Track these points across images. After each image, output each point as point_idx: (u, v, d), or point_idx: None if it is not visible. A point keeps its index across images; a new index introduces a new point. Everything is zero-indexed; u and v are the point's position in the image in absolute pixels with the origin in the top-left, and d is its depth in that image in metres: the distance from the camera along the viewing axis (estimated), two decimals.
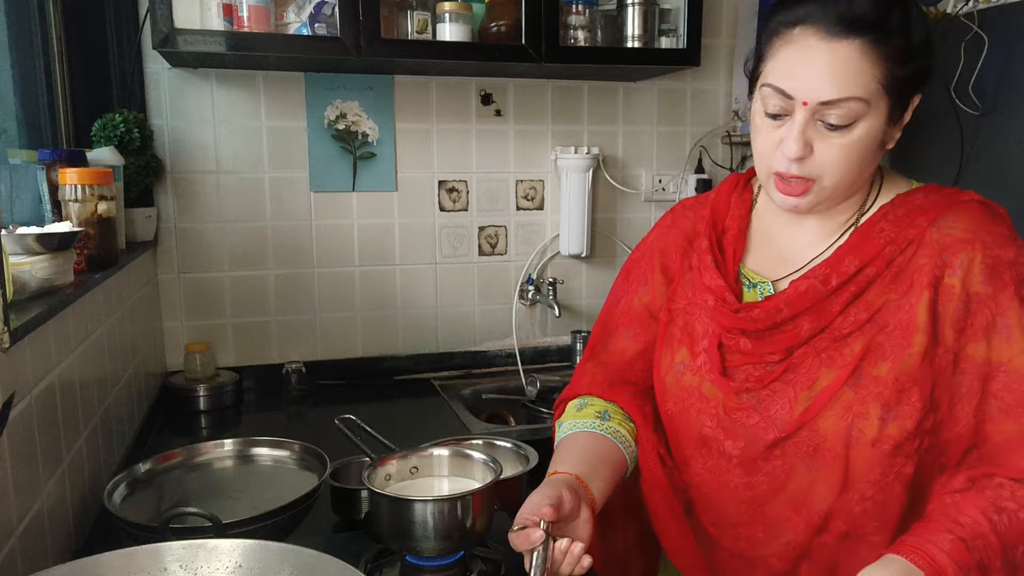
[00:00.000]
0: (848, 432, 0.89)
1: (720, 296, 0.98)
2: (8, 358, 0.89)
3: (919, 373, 0.87)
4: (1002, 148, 2.07)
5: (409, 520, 0.99)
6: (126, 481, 1.17)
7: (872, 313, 0.90)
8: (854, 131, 0.86)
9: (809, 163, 0.88)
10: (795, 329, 0.93)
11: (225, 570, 0.80)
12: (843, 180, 0.89)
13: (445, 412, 1.90)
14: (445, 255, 2.19)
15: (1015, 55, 2.00)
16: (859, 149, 0.87)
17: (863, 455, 0.89)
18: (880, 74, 0.84)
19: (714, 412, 0.97)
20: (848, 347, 0.90)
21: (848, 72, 0.83)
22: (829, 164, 0.87)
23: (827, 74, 0.83)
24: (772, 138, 0.89)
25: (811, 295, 0.91)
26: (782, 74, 0.86)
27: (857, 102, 0.84)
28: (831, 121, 0.85)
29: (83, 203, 1.31)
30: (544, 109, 2.20)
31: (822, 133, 0.86)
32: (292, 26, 1.85)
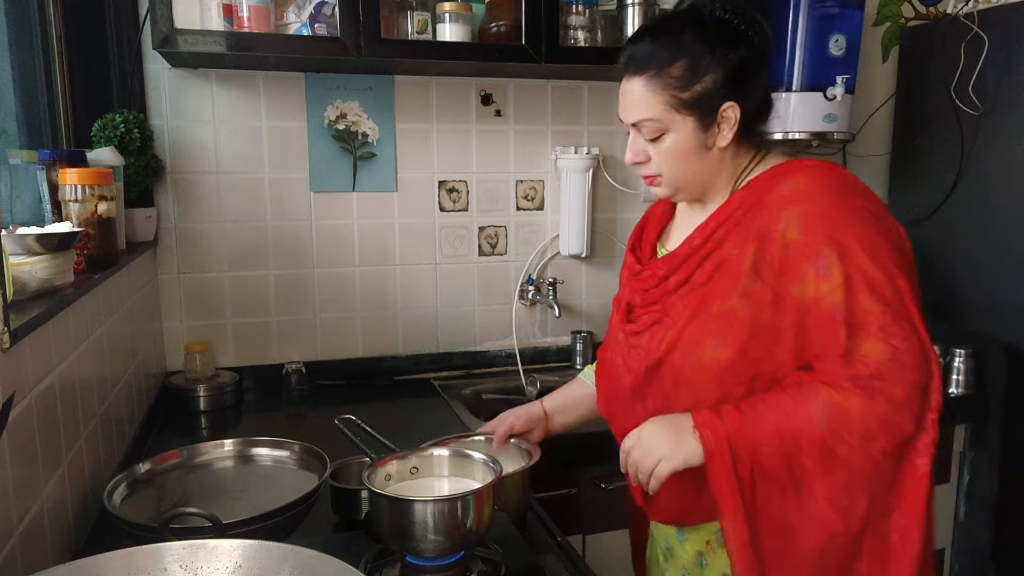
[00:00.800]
0: (690, 360, 1.10)
1: (631, 266, 1.27)
2: (8, 358, 0.89)
3: (741, 310, 1.06)
4: (1002, 148, 2.06)
5: (409, 520, 0.99)
6: (126, 481, 1.17)
7: (719, 263, 1.10)
8: (664, 141, 1.12)
9: (648, 165, 1.15)
10: (669, 284, 1.16)
11: (225, 570, 0.80)
12: (679, 176, 1.14)
13: (445, 412, 1.90)
14: (445, 255, 2.19)
15: (1015, 55, 2.00)
16: (676, 153, 1.12)
17: (701, 378, 1.09)
18: (664, 99, 1.09)
19: (621, 350, 1.22)
20: (700, 292, 1.11)
21: (639, 101, 1.11)
22: (659, 164, 1.14)
23: (626, 104, 1.14)
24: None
25: (680, 256, 1.15)
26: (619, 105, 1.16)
27: (652, 121, 1.11)
28: (645, 135, 1.13)
29: (83, 203, 1.31)
30: (544, 109, 2.20)
31: (647, 144, 1.13)
32: (292, 26, 1.85)
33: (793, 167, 1.12)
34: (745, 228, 1.09)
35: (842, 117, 2.06)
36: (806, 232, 1.03)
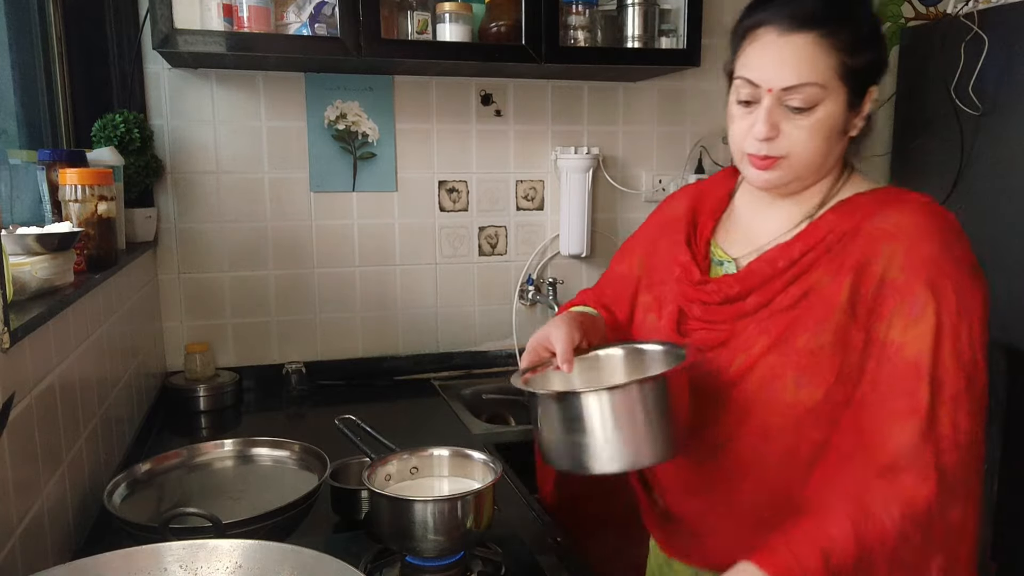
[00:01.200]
0: (768, 393, 0.99)
1: (686, 269, 1.12)
2: (8, 358, 0.89)
3: (832, 347, 0.97)
4: (1002, 148, 2.06)
5: (409, 520, 0.99)
6: (126, 481, 1.17)
7: (806, 290, 1.00)
8: (815, 113, 0.97)
9: (777, 143, 0.98)
10: (743, 304, 1.04)
11: (225, 570, 0.80)
12: (808, 159, 0.99)
13: (445, 412, 1.90)
14: (445, 255, 2.19)
15: (1015, 55, 2.00)
16: (821, 130, 0.98)
17: (779, 415, 0.99)
18: (833, 63, 0.96)
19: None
20: (782, 319, 1.00)
21: (803, 61, 0.95)
22: (795, 143, 0.98)
23: (786, 64, 0.96)
24: (745, 123, 1.00)
25: (759, 275, 1.03)
26: (750, 67, 0.99)
27: (814, 87, 0.96)
28: (794, 104, 0.96)
29: (83, 203, 1.31)
30: (544, 109, 2.20)
31: (788, 116, 0.97)
32: (292, 26, 1.85)
33: (896, 197, 1.01)
34: (838, 257, 0.99)
35: None
36: (907, 271, 0.94)
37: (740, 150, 1.03)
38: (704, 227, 1.15)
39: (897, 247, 0.96)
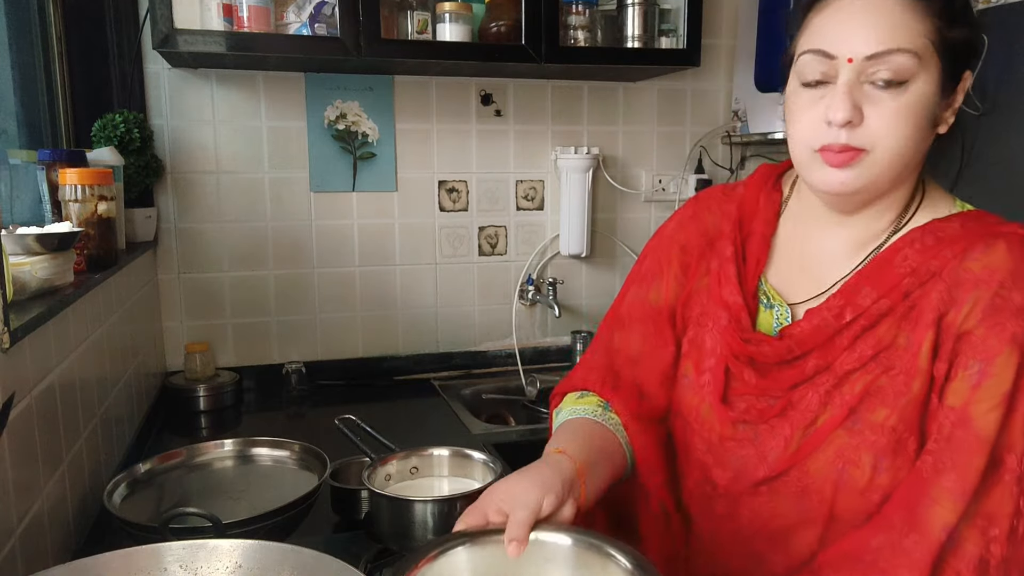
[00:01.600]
0: (838, 477, 0.83)
1: (735, 316, 0.91)
2: (8, 358, 0.89)
3: (918, 423, 0.80)
4: (1002, 148, 2.06)
5: (409, 520, 0.99)
6: (126, 481, 1.17)
7: (879, 350, 0.82)
8: (908, 91, 0.77)
9: (859, 132, 0.78)
10: (802, 365, 0.86)
11: (225, 570, 0.80)
12: (895, 153, 0.79)
13: (445, 412, 1.90)
14: (445, 255, 2.19)
15: (1015, 55, 2.00)
16: (914, 115, 0.78)
17: (851, 503, 0.83)
18: (926, 29, 0.77)
19: (707, 437, 0.93)
20: (849, 386, 0.83)
21: (892, 23, 0.77)
22: (883, 131, 0.78)
23: (870, 26, 0.77)
24: (815, 112, 0.81)
25: (823, 331, 0.85)
26: (821, 37, 0.80)
27: (905, 54, 0.76)
28: (881, 77, 0.77)
29: (83, 203, 1.31)
30: (544, 109, 2.20)
31: (871, 96, 0.78)
32: (292, 26, 1.85)
33: (989, 229, 0.82)
34: (913, 304, 0.81)
35: None
36: (988, 322, 0.77)
37: (809, 147, 0.82)
38: (756, 256, 0.94)
39: (983, 293, 0.77)
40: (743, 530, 0.90)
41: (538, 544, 0.82)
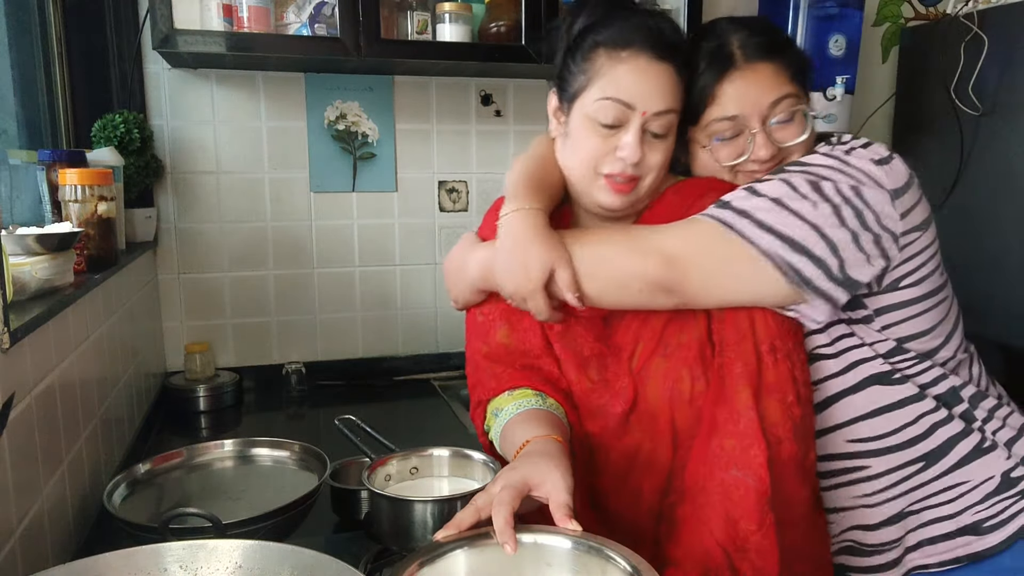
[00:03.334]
0: (670, 395, 1.00)
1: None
2: (8, 358, 0.89)
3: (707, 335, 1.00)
4: (1002, 148, 2.06)
5: (409, 520, 0.99)
6: (126, 482, 1.17)
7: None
8: (668, 138, 1.02)
9: (640, 165, 1.01)
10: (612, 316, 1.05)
11: (225, 570, 0.80)
12: (656, 181, 1.04)
13: (445, 412, 1.90)
14: (445, 255, 2.19)
15: (1015, 55, 2.00)
16: (668, 155, 1.03)
17: (685, 415, 1.00)
18: (681, 93, 1.02)
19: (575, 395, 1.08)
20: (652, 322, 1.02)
21: (670, 89, 1.00)
22: (652, 166, 1.01)
23: (659, 89, 0.99)
24: (605, 145, 1.00)
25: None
26: (621, 88, 0.98)
27: (674, 114, 1.01)
28: (655, 130, 1.00)
29: (83, 203, 1.31)
30: (544, 109, 2.19)
31: (648, 141, 1.00)
32: (292, 26, 1.85)
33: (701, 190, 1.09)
34: None
35: (842, 117, 2.06)
36: None
37: (593, 170, 1.02)
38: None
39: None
40: (621, 471, 1.05)
41: (537, 547, 0.83)
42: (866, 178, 0.98)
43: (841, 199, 0.96)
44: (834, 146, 1.04)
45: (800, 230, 0.94)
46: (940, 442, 1.11)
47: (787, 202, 0.95)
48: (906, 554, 1.15)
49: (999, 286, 2.08)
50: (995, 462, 1.12)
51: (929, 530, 1.13)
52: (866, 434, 1.10)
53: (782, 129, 1.06)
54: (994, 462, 1.12)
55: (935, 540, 1.13)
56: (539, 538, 0.82)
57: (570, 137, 1.04)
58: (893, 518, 1.15)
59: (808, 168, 1.00)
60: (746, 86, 1.04)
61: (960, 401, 1.12)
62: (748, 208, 0.96)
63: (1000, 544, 1.11)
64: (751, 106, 1.04)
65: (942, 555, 1.13)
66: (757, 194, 0.98)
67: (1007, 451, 1.13)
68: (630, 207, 1.05)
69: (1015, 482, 1.12)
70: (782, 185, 0.97)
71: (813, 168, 0.99)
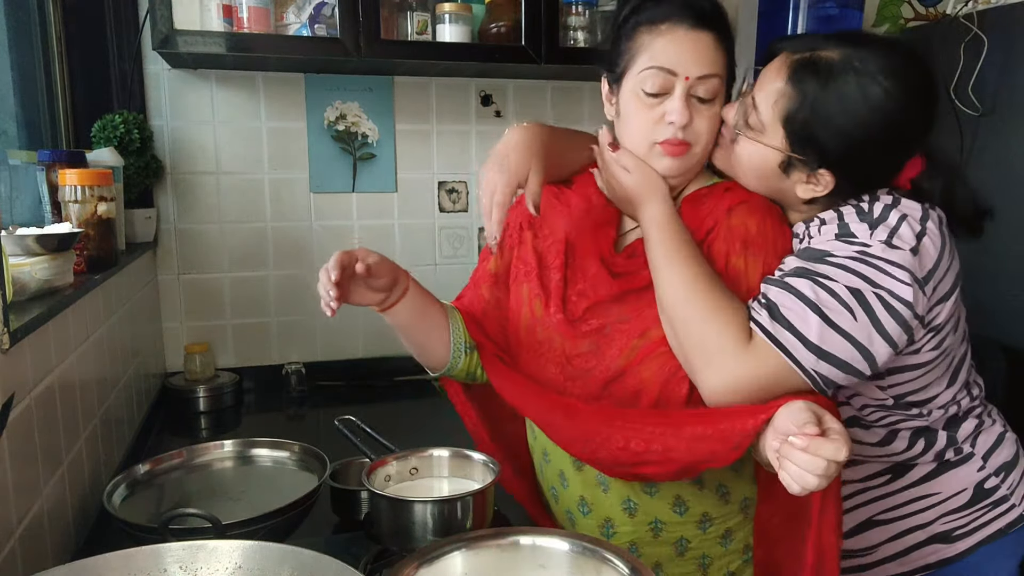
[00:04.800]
0: (665, 382, 1.02)
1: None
2: (8, 359, 0.89)
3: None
4: (1002, 149, 2.06)
5: (409, 521, 0.99)
6: (126, 482, 1.17)
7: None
8: (715, 106, 1.04)
9: (689, 130, 1.04)
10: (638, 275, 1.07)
11: (225, 571, 0.80)
12: (707, 149, 1.07)
13: (445, 413, 1.88)
14: (445, 256, 2.19)
15: (1015, 56, 2.00)
16: (717, 122, 1.05)
17: (675, 407, 1.02)
18: (724, 60, 1.04)
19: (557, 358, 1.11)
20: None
21: (711, 54, 1.02)
22: (702, 132, 1.04)
23: (699, 55, 1.02)
24: (654, 114, 1.04)
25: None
26: (662, 56, 1.02)
27: (717, 78, 1.03)
28: (701, 94, 1.03)
29: (83, 204, 1.31)
30: (544, 110, 2.20)
31: (695, 107, 1.03)
32: (292, 27, 1.85)
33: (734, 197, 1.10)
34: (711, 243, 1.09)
35: None
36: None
37: (648, 140, 1.05)
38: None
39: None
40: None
41: (534, 549, 0.83)
42: (902, 275, 0.95)
43: (881, 305, 0.94)
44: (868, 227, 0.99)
45: (846, 351, 0.94)
46: (907, 458, 1.12)
47: (833, 318, 0.94)
48: (883, 563, 1.15)
49: (999, 286, 2.08)
50: (968, 475, 1.12)
51: (903, 541, 1.14)
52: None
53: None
54: (967, 475, 1.12)
55: (909, 550, 1.14)
56: (536, 540, 0.82)
57: (622, 115, 1.08)
58: (861, 526, 1.15)
59: (848, 267, 0.96)
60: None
61: (936, 429, 1.12)
62: (797, 326, 0.94)
63: (969, 549, 1.12)
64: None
65: (915, 563, 1.14)
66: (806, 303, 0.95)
67: (982, 462, 1.12)
68: (684, 174, 1.08)
69: (988, 493, 1.12)
70: (828, 297, 0.95)
71: (852, 267, 0.96)
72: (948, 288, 1.03)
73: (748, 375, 0.95)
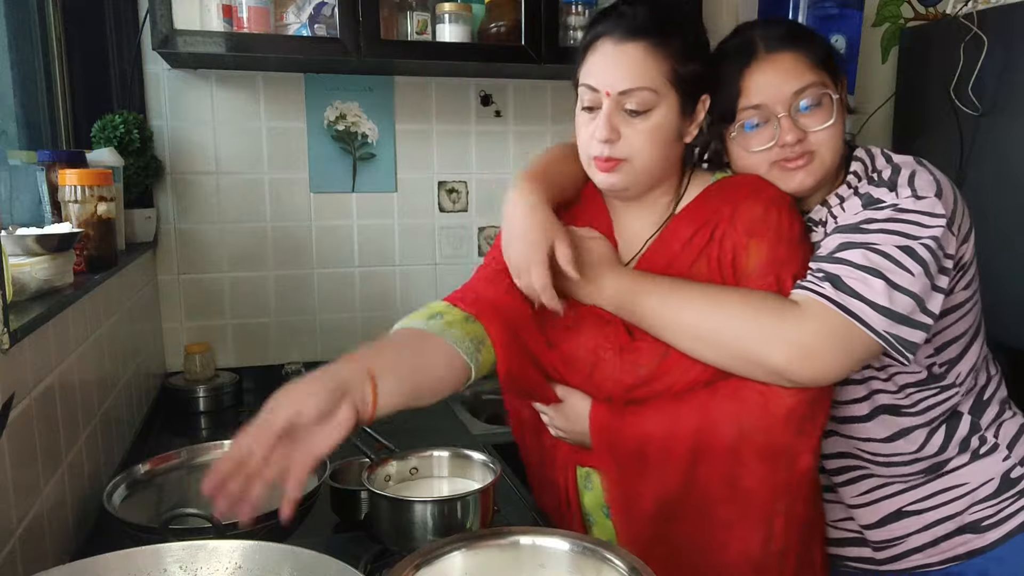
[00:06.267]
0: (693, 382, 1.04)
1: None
2: (8, 359, 0.89)
3: None
4: (1002, 148, 2.06)
5: (409, 521, 0.99)
6: (126, 482, 1.17)
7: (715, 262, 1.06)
8: (651, 117, 1.02)
9: (619, 146, 1.03)
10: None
11: (225, 571, 0.80)
12: (649, 161, 1.04)
13: (445, 413, 1.90)
14: (445, 256, 2.19)
15: (1015, 56, 2.00)
16: (658, 134, 1.03)
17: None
18: (664, 69, 1.02)
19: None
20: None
21: (636, 67, 1.01)
22: (636, 146, 1.03)
23: (622, 69, 1.02)
24: (589, 129, 1.05)
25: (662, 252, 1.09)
26: (591, 74, 1.04)
27: (647, 91, 1.01)
28: (630, 107, 1.02)
29: (83, 204, 1.31)
30: (544, 110, 2.20)
31: (627, 120, 1.02)
32: (292, 27, 1.85)
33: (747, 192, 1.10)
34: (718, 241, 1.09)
35: None
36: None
37: (588, 155, 1.07)
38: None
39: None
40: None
41: (534, 549, 0.83)
42: (939, 221, 1.00)
43: (929, 254, 0.98)
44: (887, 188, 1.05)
45: (910, 306, 0.97)
46: (941, 452, 1.13)
47: (894, 279, 0.97)
48: (910, 554, 1.15)
49: (1000, 286, 2.08)
50: (993, 464, 1.13)
51: (932, 532, 1.14)
52: (874, 449, 1.14)
53: (809, 115, 1.07)
54: (992, 464, 1.13)
55: (937, 541, 1.14)
56: (536, 540, 0.82)
57: (576, 128, 1.10)
58: (890, 516, 1.16)
59: (889, 229, 1.00)
60: (769, 74, 1.07)
61: (964, 415, 1.14)
62: (862, 292, 0.97)
63: (998, 540, 1.12)
64: (774, 93, 1.06)
65: (943, 554, 1.15)
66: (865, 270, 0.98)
67: (1007, 451, 1.13)
68: (627, 189, 1.07)
69: (1014, 482, 1.12)
70: (882, 259, 0.98)
71: (893, 228, 1.00)
72: (968, 226, 1.08)
73: (813, 336, 0.97)
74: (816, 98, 1.07)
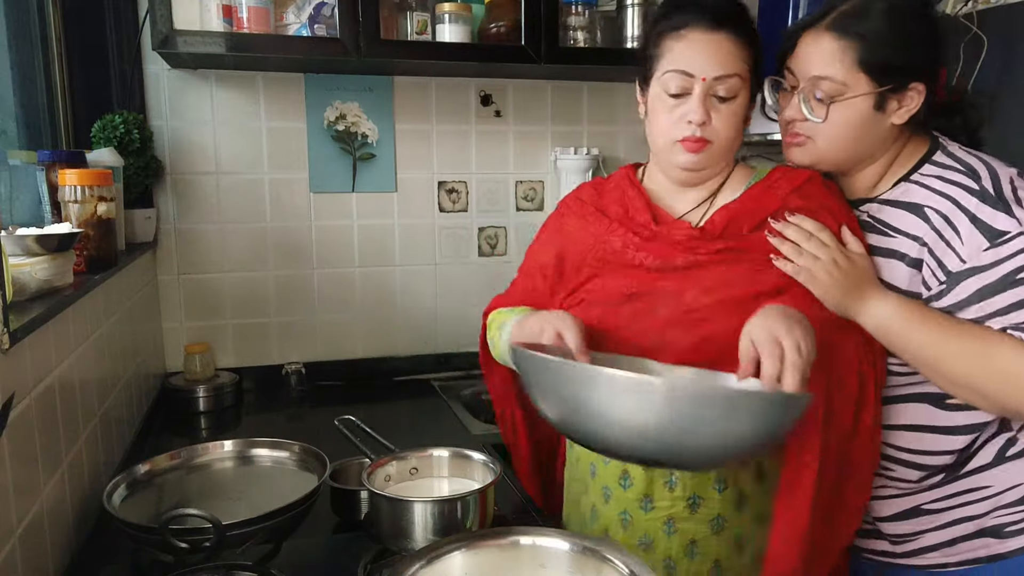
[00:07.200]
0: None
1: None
2: (8, 359, 0.89)
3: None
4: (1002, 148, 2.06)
5: (409, 521, 0.99)
6: (126, 482, 1.17)
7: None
8: (736, 102, 1.11)
9: (708, 128, 1.10)
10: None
11: None
12: (727, 144, 1.13)
13: (445, 413, 1.90)
14: (445, 256, 2.19)
15: (1015, 56, 2.00)
16: (738, 118, 1.12)
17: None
18: (746, 56, 1.11)
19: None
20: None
21: (727, 55, 1.09)
22: (720, 129, 1.11)
23: (716, 56, 1.09)
24: (675, 114, 1.11)
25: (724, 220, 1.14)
26: (682, 60, 1.10)
27: (736, 78, 1.10)
28: (720, 93, 1.09)
29: (83, 204, 1.31)
30: (544, 110, 2.20)
31: (714, 106, 1.10)
32: (292, 27, 1.85)
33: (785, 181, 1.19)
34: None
35: None
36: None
37: (670, 138, 1.13)
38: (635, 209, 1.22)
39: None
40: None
41: (534, 549, 0.83)
42: None
43: None
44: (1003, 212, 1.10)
45: None
46: (966, 453, 1.12)
47: None
48: (927, 551, 1.15)
49: None
50: (1021, 470, 1.11)
51: (950, 531, 1.14)
52: (902, 444, 1.13)
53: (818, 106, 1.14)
54: (1020, 470, 1.11)
55: (955, 541, 1.13)
56: (536, 540, 0.83)
57: (649, 114, 1.17)
58: (907, 512, 1.15)
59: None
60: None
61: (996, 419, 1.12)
62: None
63: (1021, 548, 1.10)
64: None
65: (962, 555, 1.14)
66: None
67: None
68: (704, 169, 1.15)
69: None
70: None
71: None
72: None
73: None
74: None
